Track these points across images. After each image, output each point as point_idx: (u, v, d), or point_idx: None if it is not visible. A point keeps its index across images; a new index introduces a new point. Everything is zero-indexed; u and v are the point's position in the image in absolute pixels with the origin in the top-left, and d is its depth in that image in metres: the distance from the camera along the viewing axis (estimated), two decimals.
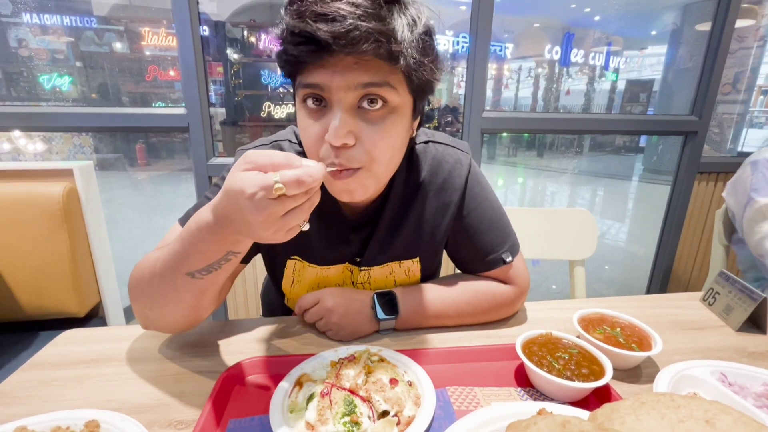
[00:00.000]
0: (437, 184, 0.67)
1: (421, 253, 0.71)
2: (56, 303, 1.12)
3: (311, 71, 0.47)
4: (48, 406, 0.50)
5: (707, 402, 0.35)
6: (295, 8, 0.45)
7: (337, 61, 0.45)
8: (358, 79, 0.46)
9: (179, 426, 0.47)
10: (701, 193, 1.84)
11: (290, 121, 4.60)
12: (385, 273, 0.71)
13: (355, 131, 0.49)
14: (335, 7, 0.43)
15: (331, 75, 0.46)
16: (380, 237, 0.68)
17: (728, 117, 3.01)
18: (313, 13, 0.43)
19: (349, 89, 0.47)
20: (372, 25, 0.43)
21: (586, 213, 1.16)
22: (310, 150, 0.52)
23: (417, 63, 0.48)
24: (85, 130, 3.48)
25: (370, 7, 0.44)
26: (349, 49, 0.43)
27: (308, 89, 0.48)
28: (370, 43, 0.44)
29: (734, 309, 0.71)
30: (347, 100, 0.48)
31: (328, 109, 0.49)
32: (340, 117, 0.47)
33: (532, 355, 0.54)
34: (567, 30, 6.44)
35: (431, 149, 0.68)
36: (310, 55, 0.45)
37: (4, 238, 1.06)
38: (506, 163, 7.77)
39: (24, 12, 4.76)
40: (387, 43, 0.45)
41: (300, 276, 0.71)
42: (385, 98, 0.49)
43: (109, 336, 0.66)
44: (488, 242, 0.69)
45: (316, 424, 0.44)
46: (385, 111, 0.50)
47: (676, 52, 3.05)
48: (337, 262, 0.70)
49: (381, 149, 0.51)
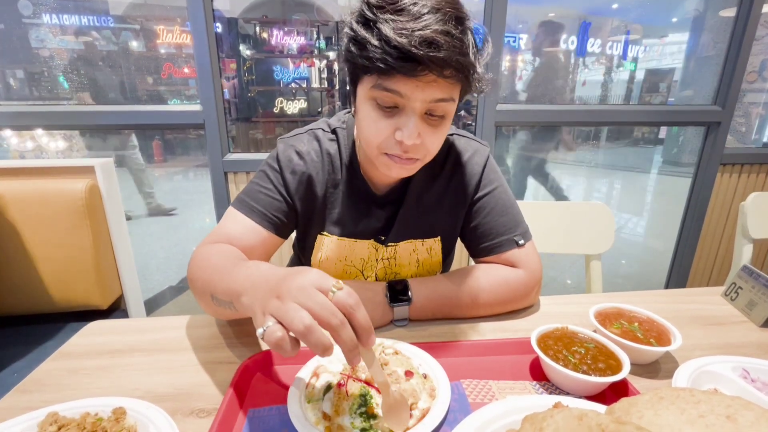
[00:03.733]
0: (458, 169, 0.75)
1: (441, 232, 0.77)
2: (81, 295, 1.16)
3: (398, 80, 0.53)
4: (77, 393, 0.52)
5: (728, 397, 0.34)
6: (394, 22, 0.50)
7: (422, 78, 0.52)
8: (433, 95, 0.55)
9: (201, 414, 0.49)
10: (724, 185, 1.79)
11: (302, 117, 4.62)
12: (408, 250, 0.77)
13: (422, 133, 0.58)
14: (434, 36, 0.50)
15: (414, 88, 0.53)
16: (404, 215, 0.74)
17: (754, 106, 2.89)
18: (418, 37, 0.49)
19: (425, 102, 0.55)
20: (460, 57, 0.52)
21: (603, 206, 1.14)
22: (373, 140, 0.60)
23: (478, 81, 0.58)
24: (104, 128, 3.57)
25: (459, 38, 0.52)
26: (441, 73, 0.52)
27: (388, 93, 0.55)
28: (457, 72, 0.53)
29: (758, 304, 0.69)
30: (420, 110, 0.56)
31: (398, 111, 0.57)
32: (414, 122, 0.56)
33: (548, 349, 0.54)
34: (583, 19, 6.27)
35: (455, 139, 0.77)
36: (406, 71, 0.52)
37: (32, 233, 1.10)
38: (521, 157, 7.66)
39: (44, 13, 4.87)
40: (468, 72, 0.55)
41: (328, 250, 0.76)
42: (445, 110, 0.58)
43: (132, 327, 0.69)
44: (502, 224, 0.74)
45: (332, 415, 0.45)
46: (443, 119, 0.59)
47: (699, 40, 2.94)
48: (363, 236, 0.75)
49: (435, 145, 0.62)
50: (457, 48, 0.51)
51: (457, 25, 0.52)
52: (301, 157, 0.72)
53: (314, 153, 0.72)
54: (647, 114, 1.72)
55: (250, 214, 0.69)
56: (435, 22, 0.50)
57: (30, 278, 1.13)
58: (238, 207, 0.70)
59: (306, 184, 0.72)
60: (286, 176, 0.71)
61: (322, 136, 0.74)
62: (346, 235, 0.75)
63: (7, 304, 1.14)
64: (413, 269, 0.79)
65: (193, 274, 0.61)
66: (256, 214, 0.69)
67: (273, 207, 0.70)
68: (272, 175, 0.71)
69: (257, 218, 0.69)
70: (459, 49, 0.52)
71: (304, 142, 0.73)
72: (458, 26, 0.52)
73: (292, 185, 0.71)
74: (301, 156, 0.72)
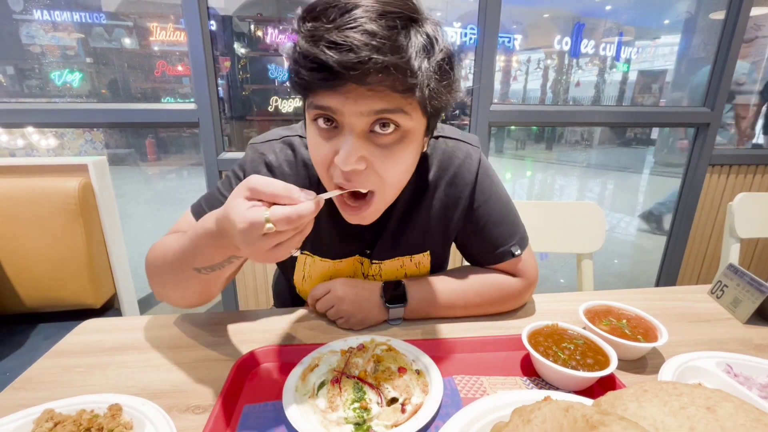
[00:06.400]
0: (447, 179, 0.68)
1: (431, 247, 0.72)
2: (74, 294, 1.16)
3: (323, 94, 0.46)
4: (72, 391, 0.52)
5: (709, 390, 0.35)
6: (309, 29, 0.44)
7: (350, 88, 0.44)
8: (370, 107, 0.45)
9: (196, 410, 0.49)
10: (713, 186, 1.82)
11: (297, 116, 4.60)
12: (395, 266, 0.72)
13: (366, 156, 0.48)
14: (350, 35, 0.41)
15: (344, 100, 0.45)
16: (391, 232, 0.69)
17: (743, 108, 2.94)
18: (326, 40, 0.42)
19: (362, 115, 0.46)
20: (387, 58, 0.42)
21: (594, 206, 1.16)
22: (320, 169, 0.52)
23: (433, 91, 0.47)
24: (97, 126, 3.53)
25: (387, 37, 0.42)
26: (361, 81, 0.43)
27: (319, 110, 0.47)
28: (385, 76, 0.43)
29: (742, 301, 0.71)
30: (359, 126, 0.47)
31: (339, 130, 0.48)
32: (351, 143, 0.46)
33: (538, 345, 0.55)
34: (577, 20, 6.33)
35: (441, 144, 0.68)
36: (323, 82, 0.44)
37: (24, 232, 1.09)
38: (515, 157, 7.70)
39: (35, 9, 4.80)
40: (403, 76, 0.43)
41: (311, 270, 0.73)
42: (397, 123, 0.48)
43: (126, 326, 0.69)
44: (497, 235, 0.70)
45: (326, 410, 0.46)
46: (398, 135, 0.49)
47: (690, 42, 2.99)
48: (347, 255, 0.71)
49: (392, 174, 0.51)
50: (381, 48, 0.41)
51: (393, 25, 0.43)
52: (270, 170, 0.65)
53: (286, 165, 0.65)
54: (638, 115, 1.75)
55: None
56: (352, 22, 0.42)
57: (22, 277, 1.12)
58: (194, 210, 0.67)
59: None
60: None
61: (298, 144, 0.66)
62: (329, 256, 0.70)
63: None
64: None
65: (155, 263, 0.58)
66: None
67: None
68: (235, 183, 0.65)
69: None
70: (384, 49, 0.42)
71: (276, 151, 0.66)
72: (393, 26, 0.43)
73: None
74: (271, 169, 0.65)
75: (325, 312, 0.68)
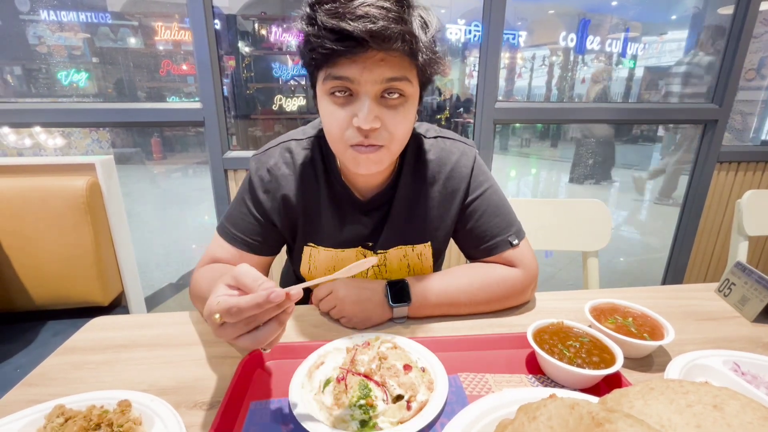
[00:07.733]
0: (445, 172, 0.73)
1: (432, 237, 0.76)
2: (82, 292, 1.17)
3: (343, 65, 0.54)
4: (82, 387, 0.53)
5: (716, 388, 0.35)
6: (329, 7, 0.51)
7: (368, 57, 0.52)
8: (383, 74, 0.54)
9: (204, 407, 0.50)
10: (721, 183, 1.80)
11: (301, 114, 4.61)
12: (399, 256, 0.76)
13: (379, 116, 0.57)
14: (369, 10, 0.50)
15: (361, 70, 0.53)
16: (393, 221, 0.73)
17: (752, 104, 2.90)
18: (351, 13, 0.50)
19: (376, 83, 0.54)
20: (401, 26, 0.51)
21: (599, 204, 1.15)
22: (336, 134, 0.59)
23: (431, 59, 0.57)
24: (103, 125, 3.56)
25: (397, 11, 0.52)
26: (382, 45, 0.51)
27: (338, 81, 0.55)
28: (400, 42, 0.52)
29: (750, 300, 0.70)
30: (373, 91, 0.55)
31: (353, 98, 0.57)
32: (368, 105, 0.55)
33: (543, 343, 0.55)
34: (583, 16, 6.27)
35: (440, 143, 0.75)
36: (347, 50, 0.52)
37: (33, 231, 1.11)
38: (519, 154, 7.66)
39: (41, 9, 4.84)
40: (411, 42, 0.53)
41: (316, 261, 0.76)
42: (402, 90, 0.57)
43: (134, 323, 0.70)
44: (494, 225, 0.73)
45: (332, 407, 0.46)
46: (402, 100, 0.58)
47: (698, 37, 2.94)
48: (350, 245, 0.75)
49: (399, 130, 0.60)
50: (395, 19, 0.51)
51: (400, 3, 0.52)
52: (272, 174, 0.71)
53: (286, 167, 0.71)
54: (645, 112, 1.73)
55: (232, 241, 0.72)
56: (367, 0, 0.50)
57: (32, 275, 1.13)
58: (222, 233, 0.73)
59: (281, 201, 0.71)
60: (260, 196, 0.71)
61: (295, 147, 0.72)
62: (332, 245, 0.74)
63: (7, 300, 1.14)
64: (404, 274, 0.78)
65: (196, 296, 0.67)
66: (238, 242, 0.71)
67: (251, 231, 0.72)
68: (247, 197, 0.72)
69: (239, 245, 0.71)
70: (397, 20, 0.51)
71: (275, 156, 0.72)
72: (400, 3, 0.52)
73: (267, 205, 0.71)
74: (273, 173, 0.71)
75: (328, 312, 0.68)
